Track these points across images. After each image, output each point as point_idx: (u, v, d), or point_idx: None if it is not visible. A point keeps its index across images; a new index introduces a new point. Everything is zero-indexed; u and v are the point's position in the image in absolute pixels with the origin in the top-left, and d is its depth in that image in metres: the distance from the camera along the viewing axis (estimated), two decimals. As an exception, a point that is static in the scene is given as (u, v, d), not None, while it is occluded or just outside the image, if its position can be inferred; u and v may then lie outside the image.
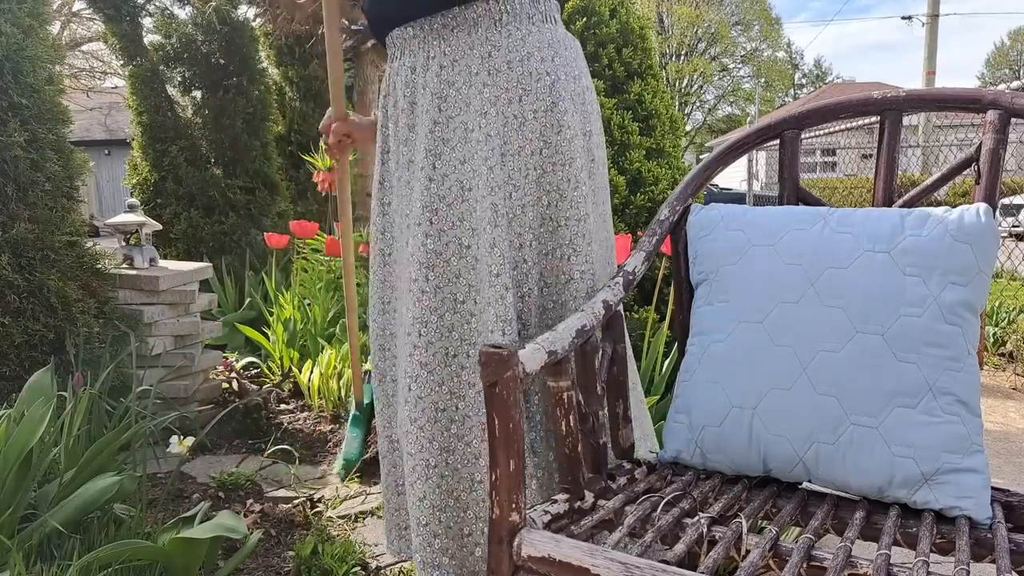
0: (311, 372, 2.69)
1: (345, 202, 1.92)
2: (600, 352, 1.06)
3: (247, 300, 3.63)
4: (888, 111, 1.14)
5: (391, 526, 1.33)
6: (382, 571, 1.59)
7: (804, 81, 41.27)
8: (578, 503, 0.96)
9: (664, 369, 2.08)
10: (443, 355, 1.13)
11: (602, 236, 1.21)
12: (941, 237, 0.95)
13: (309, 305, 3.05)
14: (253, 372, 3.06)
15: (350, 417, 2.15)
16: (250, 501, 1.90)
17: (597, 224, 1.19)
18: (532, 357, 0.86)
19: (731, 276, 1.08)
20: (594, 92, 1.22)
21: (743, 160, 5.95)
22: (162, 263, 2.58)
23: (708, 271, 1.12)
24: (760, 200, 8.24)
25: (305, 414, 2.64)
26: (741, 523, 0.87)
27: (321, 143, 1.66)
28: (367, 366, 2.17)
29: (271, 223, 4.37)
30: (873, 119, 3.03)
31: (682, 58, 33.83)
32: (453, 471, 1.13)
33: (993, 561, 0.83)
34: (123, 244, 2.49)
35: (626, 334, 1.24)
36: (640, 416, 1.25)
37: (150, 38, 4.23)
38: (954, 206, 0.99)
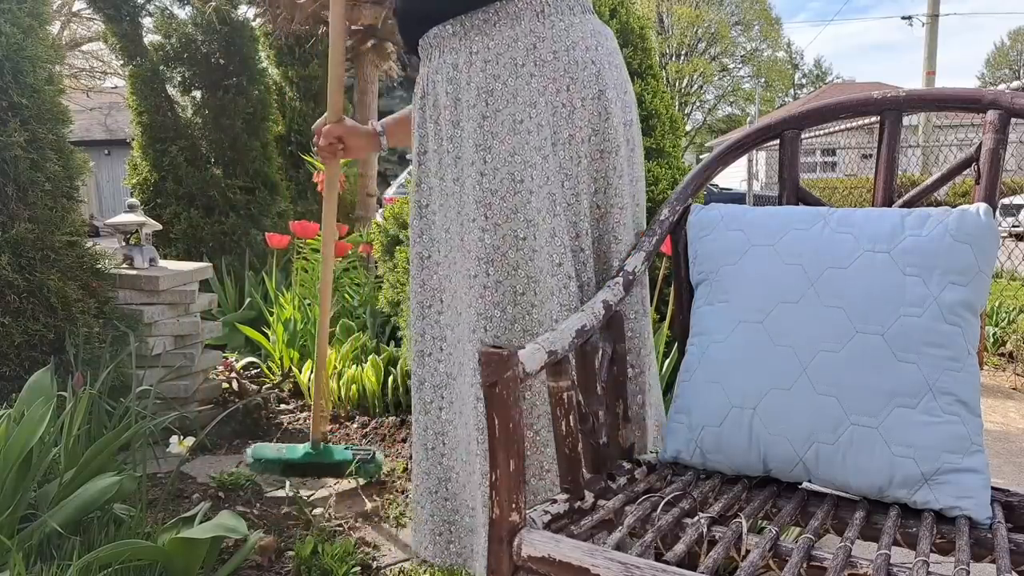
0: (311, 372, 2.68)
1: (330, 224, 1.86)
2: (600, 352, 1.06)
3: (247, 300, 3.63)
4: (888, 111, 1.14)
5: (433, 534, 1.26)
6: (382, 571, 1.59)
7: (804, 81, 41.30)
8: (578, 503, 0.96)
9: (664, 369, 2.08)
10: None
11: (638, 223, 1.23)
12: (941, 237, 0.95)
13: (309, 305, 3.05)
14: (253, 372, 3.06)
15: (306, 447, 2.04)
16: (257, 506, 1.90)
17: (634, 211, 1.21)
18: (532, 357, 0.86)
19: (731, 276, 1.08)
20: (630, 82, 1.23)
21: (743, 160, 5.94)
22: (162, 263, 2.58)
23: (708, 271, 1.12)
24: (760, 200, 8.24)
25: (305, 414, 2.64)
26: (741, 523, 0.87)
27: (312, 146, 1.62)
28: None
29: (271, 223, 4.37)
30: (873, 119, 3.03)
31: (682, 58, 33.83)
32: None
33: (993, 561, 0.83)
34: (123, 244, 2.49)
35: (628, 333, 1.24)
36: (660, 416, 1.25)
37: (150, 38, 4.22)
38: (954, 206, 0.99)
